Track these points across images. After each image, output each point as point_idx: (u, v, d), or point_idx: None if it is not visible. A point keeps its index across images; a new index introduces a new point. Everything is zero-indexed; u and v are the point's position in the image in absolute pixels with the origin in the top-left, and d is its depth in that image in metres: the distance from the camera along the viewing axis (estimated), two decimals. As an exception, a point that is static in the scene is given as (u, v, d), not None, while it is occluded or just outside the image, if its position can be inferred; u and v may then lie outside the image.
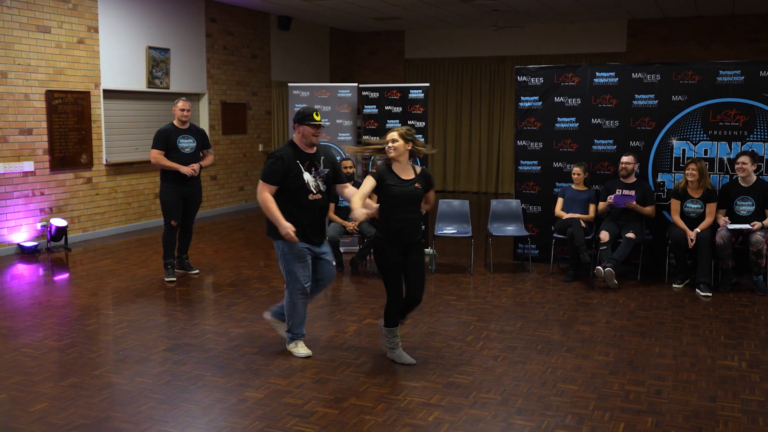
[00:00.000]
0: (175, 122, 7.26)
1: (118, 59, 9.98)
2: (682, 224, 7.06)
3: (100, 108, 9.70)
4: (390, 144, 4.78)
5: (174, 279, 7.32)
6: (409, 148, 4.82)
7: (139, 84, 10.42)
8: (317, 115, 5.02)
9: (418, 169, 4.91)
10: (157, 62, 10.67)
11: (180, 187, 7.24)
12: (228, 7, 12.17)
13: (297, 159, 4.97)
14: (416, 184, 4.81)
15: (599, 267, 7.01)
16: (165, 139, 7.15)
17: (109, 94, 9.97)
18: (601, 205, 7.45)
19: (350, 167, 7.82)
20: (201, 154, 7.43)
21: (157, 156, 7.14)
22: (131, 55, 10.23)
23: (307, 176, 4.98)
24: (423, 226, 8.75)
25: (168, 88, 10.88)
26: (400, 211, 4.78)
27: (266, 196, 4.92)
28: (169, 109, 7.50)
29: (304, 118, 5.01)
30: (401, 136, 4.78)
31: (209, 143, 7.59)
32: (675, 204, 7.16)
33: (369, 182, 4.74)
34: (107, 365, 4.97)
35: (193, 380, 4.67)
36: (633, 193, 7.29)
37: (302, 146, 5.04)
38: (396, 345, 5.01)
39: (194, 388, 4.54)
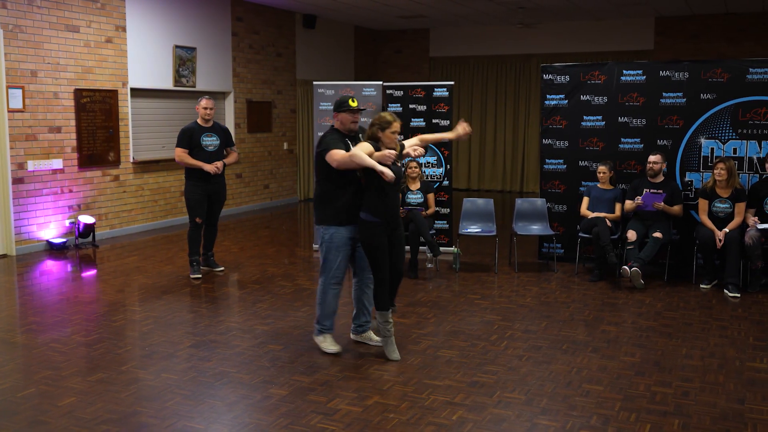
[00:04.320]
0: (199, 120, 7.31)
1: (145, 58, 10.08)
2: (710, 224, 6.97)
3: (127, 106, 9.80)
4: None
5: (199, 276, 7.38)
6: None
7: (166, 82, 10.51)
8: (353, 101, 5.07)
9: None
10: (184, 61, 10.76)
11: (204, 185, 7.29)
12: (254, 6, 12.23)
13: (343, 142, 5.04)
14: (398, 163, 4.98)
15: (625, 267, 6.94)
16: (189, 138, 7.21)
17: (136, 92, 10.07)
18: (628, 203, 7.36)
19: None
20: (225, 151, 7.47)
21: (181, 154, 7.20)
22: (158, 53, 10.33)
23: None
24: (435, 224, 8.73)
25: (194, 87, 10.97)
26: (393, 194, 4.93)
27: (344, 154, 4.85)
28: (194, 108, 7.55)
29: (341, 105, 5.07)
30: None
31: (233, 141, 7.63)
32: (703, 203, 7.06)
33: (368, 146, 4.86)
34: (134, 361, 5.02)
35: (218, 376, 4.71)
36: (661, 191, 7.22)
37: (344, 131, 5.12)
38: (390, 333, 5.05)
39: (219, 385, 4.58)
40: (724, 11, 12.97)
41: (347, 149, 4.94)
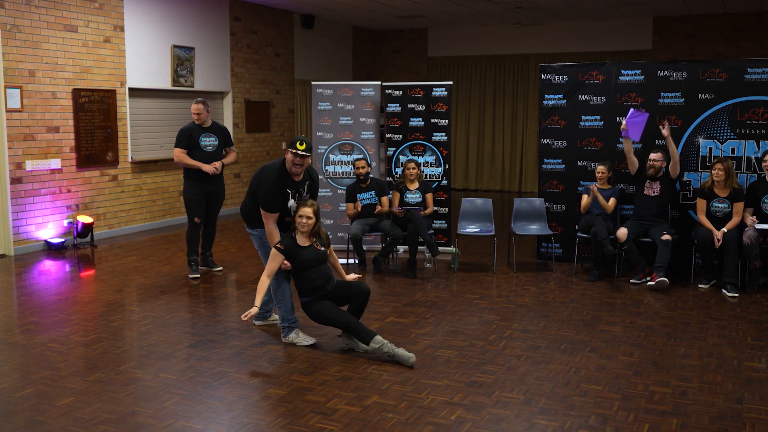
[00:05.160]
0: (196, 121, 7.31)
1: (143, 58, 10.08)
2: (708, 224, 6.97)
3: (125, 106, 9.80)
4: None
5: (198, 276, 7.37)
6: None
7: (164, 82, 10.51)
8: (301, 144, 5.17)
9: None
10: (182, 61, 10.75)
11: (203, 185, 7.29)
12: (252, 6, 12.23)
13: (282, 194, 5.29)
14: (318, 246, 5.25)
15: (650, 281, 6.96)
16: (187, 138, 7.21)
17: (135, 92, 10.07)
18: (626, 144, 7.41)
19: (363, 167, 7.79)
20: (223, 151, 7.47)
21: (179, 154, 7.20)
22: (156, 53, 10.32)
23: (291, 202, 5.34)
24: (433, 224, 8.72)
25: (192, 87, 10.96)
26: (312, 270, 5.19)
27: (271, 228, 5.34)
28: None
29: (291, 144, 5.22)
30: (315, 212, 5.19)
31: (231, 141, 7.63)
32: (701, 203, 7.07)
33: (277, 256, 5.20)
34: (132, 361, 5.02)
35: (216, 376, 4.71)
36: (644, 111, 7.29)
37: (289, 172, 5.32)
38: (392, 351, 4.98)
39: (218, 384, 4.57)
40: (722, 11, 12.99)
41: (285, 200, 5.25)
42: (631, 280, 7.11)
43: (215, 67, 11.50)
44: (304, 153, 5.17)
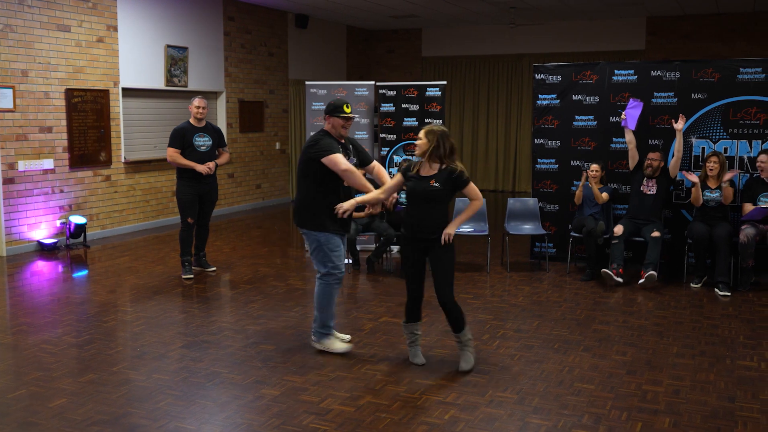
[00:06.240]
0: (192, 120, 7.30)
1: (136, 57, 10.05)
2: (699, 192, 7.02)
3: (119, 106, 9.77)
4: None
5: (191, 276, 7.36)
6: (432, 146, 4.73)
7: (158, 82, 10.49)
8: (348, 107, 5.07)
9: (444, 166, 4.76)
10: (176, 60, 10.73)
11: (196, 185, 7.28)
12: (246, 6, 12.21)
13: (340, 147, 5.06)
14: (432, 182, 4.73)
15: (607, 270, 6.97)
16: (181, 138, 7.19)
17: (128, 92, 10.04)
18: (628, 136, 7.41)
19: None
20: (217, 152, 7.46)
21: (173, 154, 7.18)
22: (150, 53, 10.30)
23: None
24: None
25: (186, 87, 10.94)
26: (414, 208, 4.77)
27: (349, 165, 4.96)
28: (187, 108, 7.54)
29: (335, 109, 5.05)
30: (426, 133, 4.76)
31: (225, 141, 7.62)
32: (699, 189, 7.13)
33: (396, 177, 4.88)
34: (125, 362, 5.01)
35: (210, 377, 4.70)
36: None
37: (335, 136, 5.10)
38: (413, 342, 5.00)
39: (211, 385, 4.57)
40: (715, 11, 13.02)
41: (345, 155, 5.02)
42: (602, 269, 7.08)
43: (209, 67, 11.48)
44: (353, 115, 5.17)
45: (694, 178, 7.06)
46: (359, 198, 4.93)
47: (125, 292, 6.93)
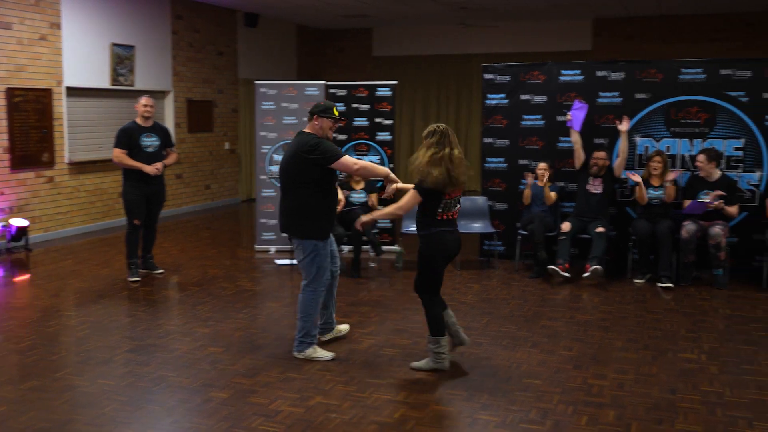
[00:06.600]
0: (138, 120, 7.18)
1: (81, 56, 9.83)
2: (644, 191, 7.18)
3: (62, 106, 9.54)
4: None
5: (138, 279, 7.23)
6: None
7: (103, 81, 10.27)
8: (337, 110, 5.07)
9: None
10: (122, 59, 10.53)
11: (143, 186, 7.16)
12: (194, 4, 12.05)
13: None
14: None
15: (553, 266, 7.09)
16: (127, 138, 7.07)
17: (72, 91, 9.81)
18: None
19: None
20: (164, 152, 7.35)
21: (119, 155, 7.05)
22: (95, 52, 10.08)
23: None
24: (378, 223, 8.75)
25: (132, 86, 10.75)
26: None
27: (361, 162, 5.08)
28: (133, 107, 7.41)
29: (325, 110, 5.01)
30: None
31: (173, 141, 7.52)
32: (644, 188, 7.29)
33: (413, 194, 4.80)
34: (69, 367, 4.89)
35: (156, 381, 4.62)
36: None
37: (321, 137, 5.01)
38: (441, 363, 4.84)
39: (158, 389, 4.49)
40: (658, 13, 13.34)
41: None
42: (549, 266, 7.20)
43: (156, 66, 11.30)
44: (343, 118, 5.17)
45: (637, 178, 7.24)
46: (377, 214, 4.99)
47: (69, 296, 6.77)
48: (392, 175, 5.07)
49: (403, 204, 4.77)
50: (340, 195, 4.95)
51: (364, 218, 4.96)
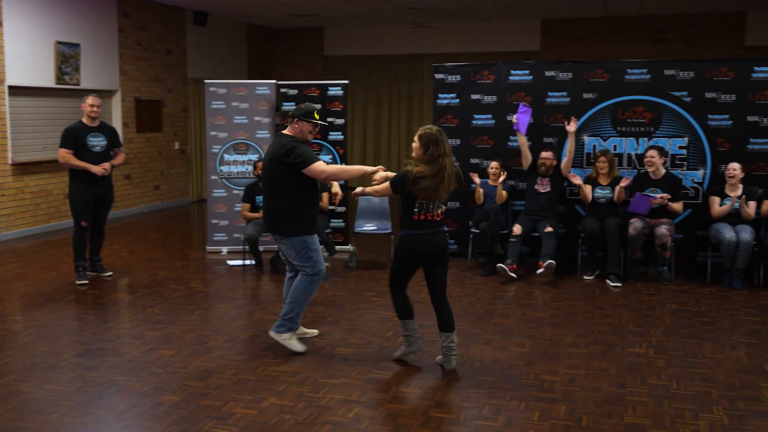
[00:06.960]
0: (84, 119, 7.03)
1: (24, 54, 9.57)
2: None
3: (5, 105, 9.28)
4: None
5: (86, 282, 7.08)
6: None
7: (48, 80, 10.02)
8: (318, 114, 5.09)
9: None
10: (67, 58, 10.29)
11: (90, 186, 7.02)
12: (141, 2, 11.84)
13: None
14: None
15: (501, 265, 7.19)
16: (74, 138, 6.91)
17: (15, 90, 9.54)
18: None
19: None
20: (112, 152, 7.21)
21: (65, 155, 6.89)
22: (39, 50, 9.83)
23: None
24: (330, 223, 8.73)
25: (78, 85, 10.51)
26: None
27: (334, 167, 5.18)
28: (79, 106, 7.25)
29: (306, 114, 5.03)
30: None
31: (120, 141, 7.38)
32: (587, 188, 7.45)
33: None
34: (14, 373, 4.76)
35: (106, 385, 4.53)
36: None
37: (299, 140, 5.05)
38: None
39: (108, 394, 4.41)
40: (604, 14, 13.60)
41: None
42: (498, 264, 7.31)
43: (103, 65, 11.07)
44: (323, 123, 5.19)
45: (578, 180, 7.45)
46: (368, 189, 5.03)
47: (14, 300, 6.59)
48: (368, 169, 5.08)
49: (379, 189, 4.98)
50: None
51: (358, 190, 5.04)
